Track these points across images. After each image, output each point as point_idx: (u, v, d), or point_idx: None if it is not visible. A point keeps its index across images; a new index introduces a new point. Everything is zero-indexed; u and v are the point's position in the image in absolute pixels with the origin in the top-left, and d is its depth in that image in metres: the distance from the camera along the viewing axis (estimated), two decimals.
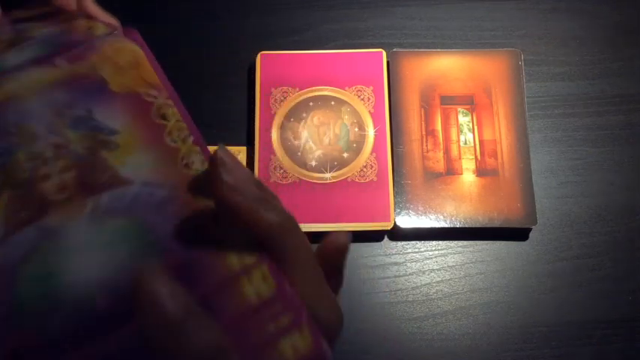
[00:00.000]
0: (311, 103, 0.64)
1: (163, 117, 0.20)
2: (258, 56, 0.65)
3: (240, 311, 0.18)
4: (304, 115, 0.64)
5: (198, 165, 0.19)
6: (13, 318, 0.16)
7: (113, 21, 0.29)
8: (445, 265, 0.61)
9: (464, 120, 0.64)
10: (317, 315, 0.20)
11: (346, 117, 0.64)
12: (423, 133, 0.63)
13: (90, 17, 0.25)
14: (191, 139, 0.20)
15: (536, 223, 0.60)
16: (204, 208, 0.19)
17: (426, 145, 0.63)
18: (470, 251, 0.61)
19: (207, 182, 0.19)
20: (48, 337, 0.16)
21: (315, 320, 0.19)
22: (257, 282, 0.19)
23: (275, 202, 0.21)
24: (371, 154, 0.62)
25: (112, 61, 0.21)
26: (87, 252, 0.17)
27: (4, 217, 0.17)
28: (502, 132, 0.63)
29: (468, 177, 0.62)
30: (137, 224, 0.18)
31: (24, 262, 0.16)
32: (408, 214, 0.60)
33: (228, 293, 0.18)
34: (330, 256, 0.22)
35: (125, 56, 0.21)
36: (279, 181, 0.61)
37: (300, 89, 0.64)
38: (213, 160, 0.19)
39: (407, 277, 0.60)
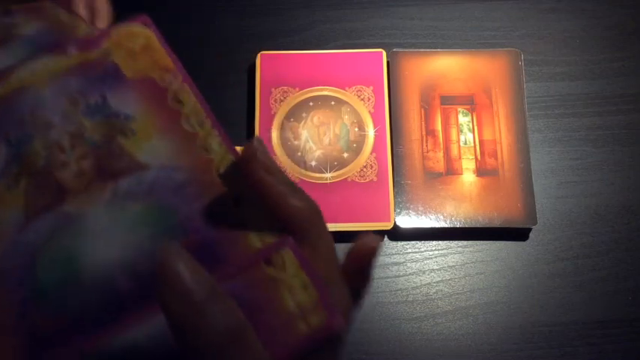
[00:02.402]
0: (311, 103, 0.64)
1: (179, 101, 0.20)
2: (258, 56, 0.65)
3: (262, 291, 0.18)
4: (304, 115, 0.64)
5: (216, 147, 0.20)
6: (35, 301, 0.16)
7: (105, 11, 0.27)
8: (445, 265, 0.61)
9: (464, 120, 0.64)
10: (333, 296, 0.20)
11: (346, 117, 0.64)
12: (423, 133, 0.63)
13: (74, 13, 0.24)
14: (208, 122, 0.20)
15: (536, 223, 0.60)
16: (224, 191, 0.19)
17: (426, 145, 0.63)
18: (470, 251, 0.61)
19: (239, 166, 0.20)
20: (69, 318, 0.16)
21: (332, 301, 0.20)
22: (278, 263, 0.19)
23: (302, 191, 0.22)
24: (371, 154, 0.62)
25: (124, 47, 0.21)
26: (106, 236, 0.17)
27: (24, 204, 0.17)
28: (502, 132, 0.63)
29: (468, 177, 0.62)
30: (157, 207, 0.18)
31: (44, 248, 0.16)
32: (408, 214, 0.60)
33: (250, 273, 0.18)
34: (360, 256, 0.23)
35: (137, 41, 0.21)
36: None
37: (300, 89, 0.64)
38: (251, 143, 0.21)
39: (407, 277, 0.60)
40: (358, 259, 0.23)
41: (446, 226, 0.60)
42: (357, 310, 0.23)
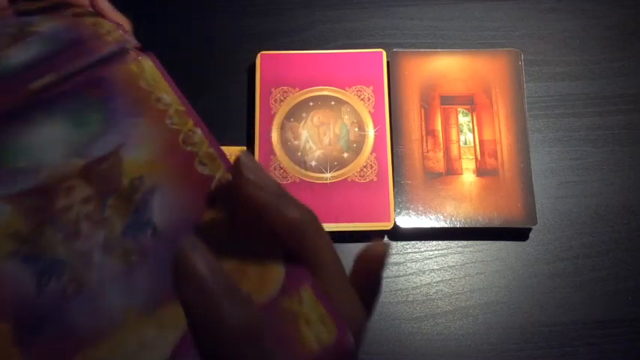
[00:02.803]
0: (311, 103, 0.64)
1: (162, 101, 0.23)
2: (258, 56, 0.65)
3: (280, 324, 0.19)
4: (304, 115, 0.64)
5: (198, 140, 0.22)
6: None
7: (124, 20, 0.29)
8: (445, 265, 0.61)
9: (464, 120, 0.64)
10: (342, 310, 0.20)
11: (346, 117, 0.64)
12: (423, 133, 0.63)
13: (98, 14, 0.27)
14: (206, 144, 0.22)
15: (536, 223, 0.60)
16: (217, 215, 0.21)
17: (426, 145, 0.63)
18: (470, 251, 0.61)
19: (230, 185, 0.21)
20: None
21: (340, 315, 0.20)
22: (296, 298, 0.20)
23: (295, 200, 0.21)
24: (371, 154, 0.62)
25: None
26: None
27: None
28: (502, 132, 0.63)
29: (468, 177, 0.62)
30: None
31: None
32: (408, 214, 0.60)
33: (267, 308, 0.20)
34: (368, 264, 0.22)
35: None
36: (279, 181, 0.61)
37: (300, 89, 0.64)
38: (237, 161, 0.20)
39: (407, 277, 0.60)
40: (366, 269, 0.22)
41: (446, 226, 0.60)
42: (368, 320, 0.23)
